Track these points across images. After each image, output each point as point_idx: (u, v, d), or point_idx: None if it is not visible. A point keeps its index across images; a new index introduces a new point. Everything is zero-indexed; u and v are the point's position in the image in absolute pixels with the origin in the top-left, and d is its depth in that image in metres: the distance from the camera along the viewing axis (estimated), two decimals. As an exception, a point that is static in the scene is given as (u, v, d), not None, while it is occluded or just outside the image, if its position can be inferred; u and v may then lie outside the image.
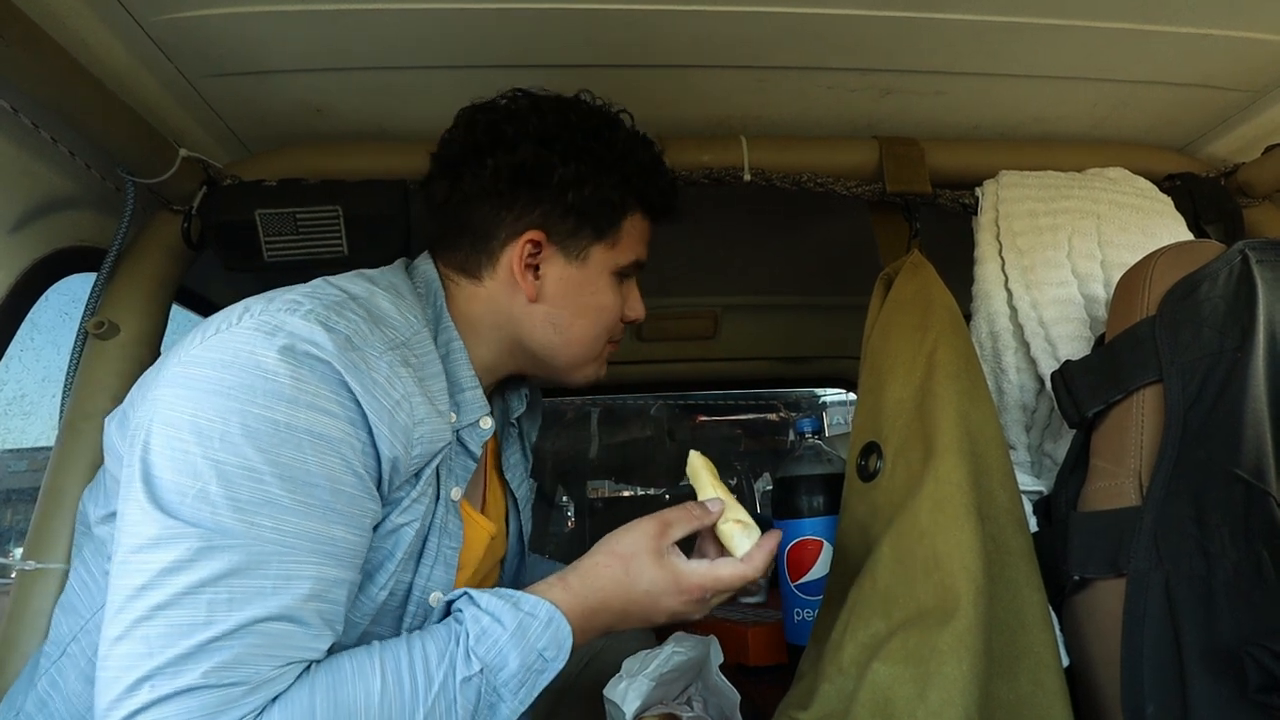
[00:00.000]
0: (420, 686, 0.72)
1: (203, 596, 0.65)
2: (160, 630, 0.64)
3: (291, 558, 0.69)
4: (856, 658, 0.83)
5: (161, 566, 0.65)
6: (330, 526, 0.72)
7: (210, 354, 0.73)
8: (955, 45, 1.07)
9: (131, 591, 0.65)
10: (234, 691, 0.65)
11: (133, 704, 0.62)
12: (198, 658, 0.64)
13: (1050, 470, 1.12)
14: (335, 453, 0.73)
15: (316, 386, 0.73)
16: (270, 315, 0.75)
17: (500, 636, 0.76)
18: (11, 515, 2.48)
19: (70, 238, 1.11)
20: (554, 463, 3.32)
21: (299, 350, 0.73)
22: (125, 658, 0.64)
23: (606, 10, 0.96)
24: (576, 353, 1.00)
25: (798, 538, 1.22)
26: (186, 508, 0.67)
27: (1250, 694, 0.67)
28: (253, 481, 0.69)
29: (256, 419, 0.70)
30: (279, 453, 0.70)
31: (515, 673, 0.75)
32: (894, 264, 1.14)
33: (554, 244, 0.95)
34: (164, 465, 0.69)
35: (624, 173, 0.97)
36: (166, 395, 0.72)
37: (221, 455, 0.69)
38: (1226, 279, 0.79)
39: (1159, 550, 0.76)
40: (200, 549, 0.66)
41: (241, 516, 0.68)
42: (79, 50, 0.89)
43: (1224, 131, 1.33)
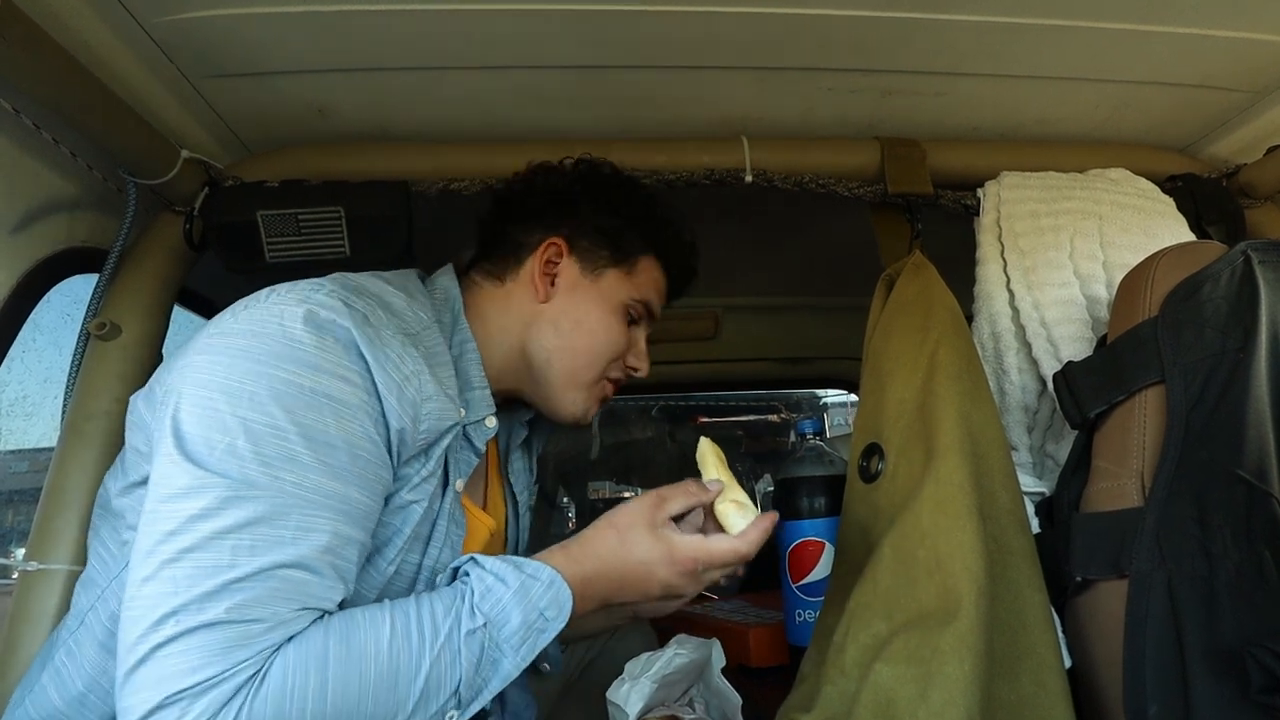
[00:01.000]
0: (427, 637, 0.75)
1: (227, 542, 0.69)
2: (186, 571, 0.68)
3: (310, 512, 0.74)
4: (858, 659, 0.83)
5: (190, 514, 0.70)
6: (347, 487, 0.77)
7: (239, 325, 0.79)
8: (957, 46, 1.07)
9: (160, 536, 0.70)
10: (254, 628, 0.69)
11: (159, 636, 0.66)
12: (221, 596, 0.68)
13: (1052, 471, 1.12)
14: (353, 418, 0.78)
15: (338, 356, 0.79)
16: (296, 293, 0.82)
17: (504, 595, 0.79)
18: (13, 516, 2.48)
19: (72, 239, 1.11)
20: (555, 463, 3.32)
21: (322, 320, 0.79)
22: (152, 596, 0.68)
23: (607, 10, 0.96)
24: (571, 365, 1.04)
25: (799, 539, 1.22)
26: (215, 459, 0.72)
27: (1252, 695, 0.67)
28: (278, 439, 0.74)
29: (283, 383, 0.75)
30: (303, 415, 0.75)
31: (517, 629, 0.79)
32: (896, 265, 1.14)
33: (573, 256, 1.05)
34: (194, 422, 0.74)
35: (648, 219, 1.09)
36: (197, 361, 0.77)
37: (249, 414, 0.74)
38: (1229, 280, 0.79)
39: (1161, 551, 0.76)
40: (227, 498, 0.70)
41: (266, 470, 0.72)
42: (80, 51, 0.89)
43: (1226, 132, 1.33)
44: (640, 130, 1.25)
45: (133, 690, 0.66)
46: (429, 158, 1.20)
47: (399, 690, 0.73)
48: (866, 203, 1.26)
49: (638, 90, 1.15)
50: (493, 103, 1.16)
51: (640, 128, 1.24)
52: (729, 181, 1.23)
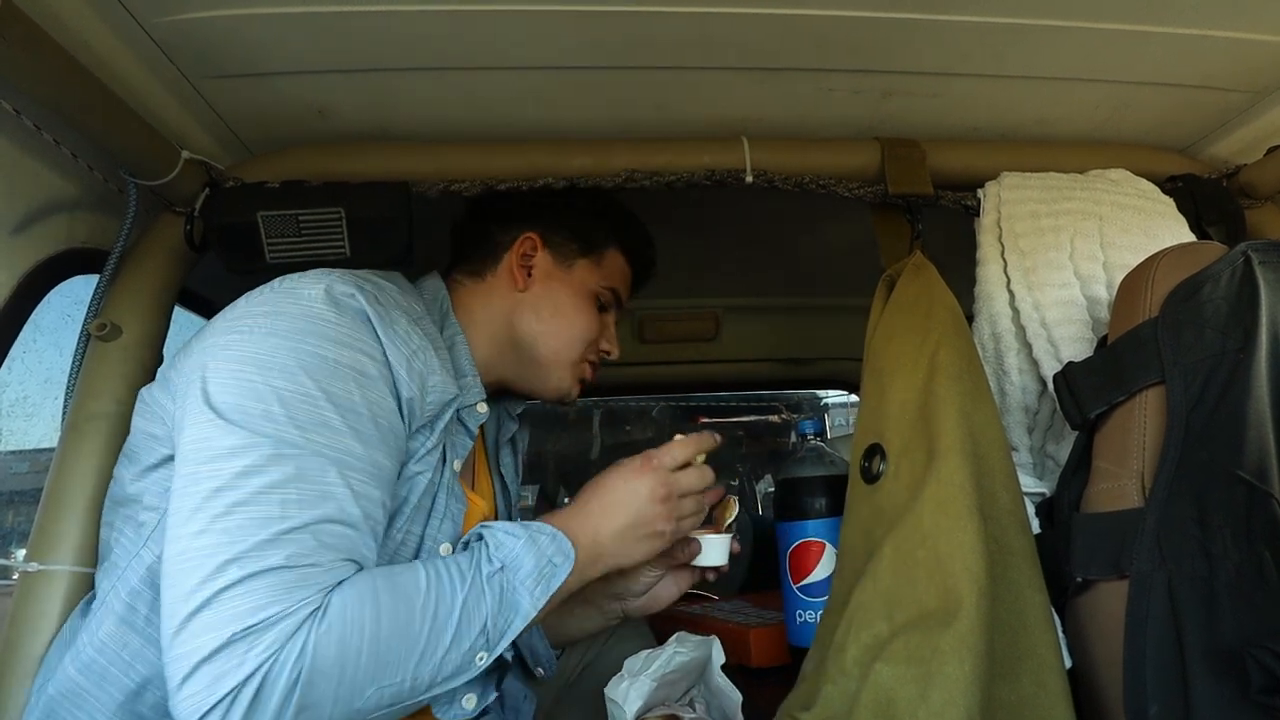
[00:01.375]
0: (456, 579, 0.83)
1: (275, 495, 0.75)
2: (240, 522, 0.73)
3: (345, 472, 0.80)
4: (859, 659, 0.83)
5: (235, 471, 0.75)
6: (373, 451, 0.83)
7: (258, 307, 0.86)
8: (957, 47, 1.07)
9: (207, 493, 0.74)
10: (310, 572, 0.74)
11: (223, 580, 0.71)
12: (278, 544, 0.73)
13: (1053, 472, 1.12)
14: (374, 387, 0.85)
15: (355, 330, 0.86)
16: (310, 276, 0.90)
17: (515, 545, 0.88)
18: (14, 517, 2.49)
19: (73, 240, 1.11)
20: (556, 463, 3.32)
21: (339, 296, 0.87)
22: (208, 547, 0.72)
23: (607, 11, 0.96)
24: (554, 346, 1.14)
25: (800, 539, 1.22)
26: (254, 423, 0.77)
27: (1252, 695, 0.68)
28: (310, 405, 0.80)
29: (309, 355, 0.81)
30: (330, 384, 0.81)
31: (530, 572, 0.87)
32: (896, 265, 1.14)
33: (547, 249, 1.17)
34: (228, 392, 0.79)
35: (610, 216, 1.22)
36: (221, 341, 0.83)
37: (280, 383, 0.79)
38: (1229, 280, 0.79)
39: (1161, 551, 0.76)
40: (270, 455, 0.76)
41: (301, 433, 0.78)
42: (81, 52, 0.89)
43: (1226, 133, 1.33)
44: (640, 130, 1.25)
45: (195, 633, 0.70)
46: (429, 158, 1.20)
47: (438, 621, 0.79)
48: (867, 203, 1.26)
49: (638, 90, 1.15)
50: (493, 103, 1.16)
51: (640, 128, 1.24)
52: (729, 182, 1.23)
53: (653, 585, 1.16)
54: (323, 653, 0.72)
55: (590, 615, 1.20)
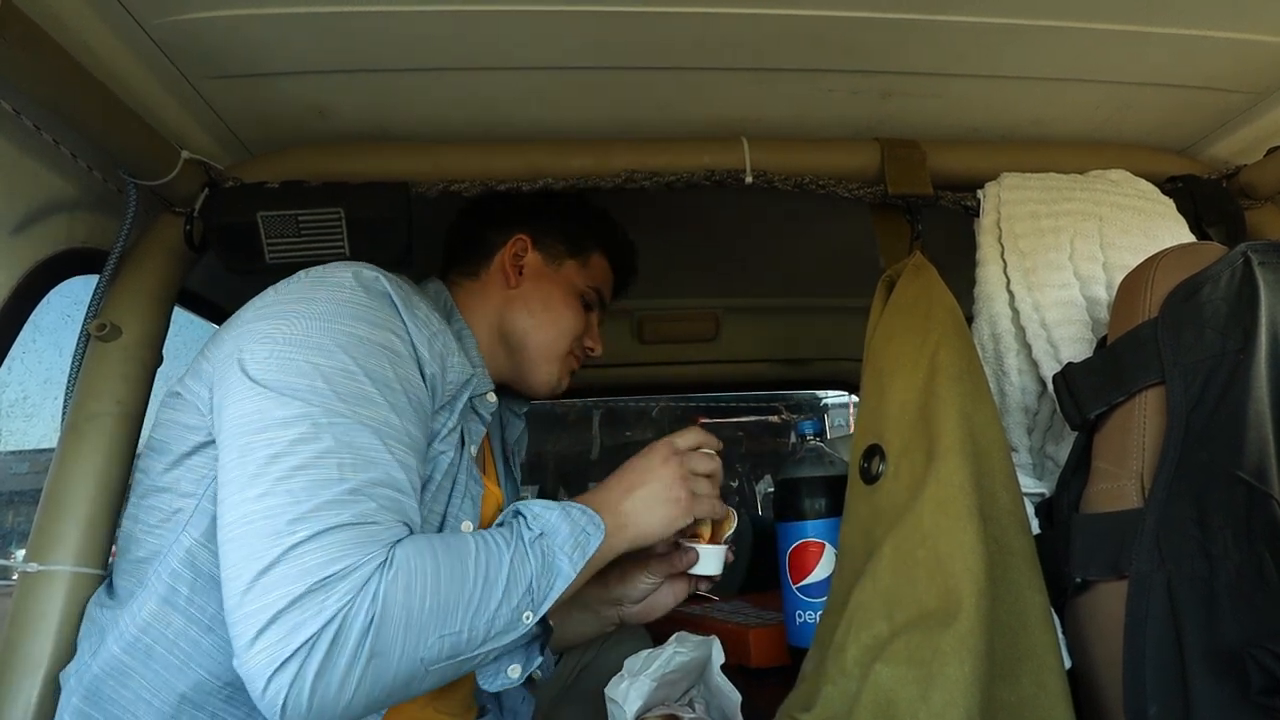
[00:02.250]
0: (503, 544, 0.87)
1: (331, 459, 0.79)
2: (303, 484, 0.77)
3: (389, 442, 0.84)
4: (859, 659, 0.83)
5: (290, 438, 0.79)
6: (408, 424, 0.87)
7: (289, 295, 0.91)
8: (957, 47, 1.07)
9: (264, 460, 0.78)
10: (374, 529, 0.78)
11: (292, 539, 0.74)
12: (343, 504, 0.77)
13: (1052, 472, 1.12)
14: (404, 365, 0.89)
15: (384, 312, 0.90)
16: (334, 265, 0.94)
17: (551, 516, 0.93)
18: (13, 517, 2.49)
19: (72, 240, 1.11)
20: (556, 464, 3.32)
21: (367, 280, 0.92)
22: (274, 508, 0.76)
23: (607, 11, 0.96)
24: (544, 339, 1.19)
25: (800, 540, 1.22)
26: (302, 394, 0.81)
27: (1252, 696, 0.67)
28: (350, 380, 0.83)
29: (344, 334, 0.85)
30: (367, 361, 0.85)
31: (567, 538, 0.91)
32: (896, 266, 1.14)
33: (537, 249, 1.22)
34: (272, 370, 0.82)
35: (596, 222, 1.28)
36: (257, 327, 0.87)
37: (320, 360, 0.83)
38: (1229, 281, 0.79)
39: (1161, 552, 0.76)
40: (321, 424, 0.80)
41: (346, 405, 0.82)
42: (80, 52, 0.89)
43: (1226, 133, 1.33)
44: (640, 131, 1.25)
45: (267, 588, 0.73)
46: (429, 159, 1.20)
47: (490, 577, 0.84)
48: (866, 204, 1.26)
49: (638, 91, 1.15)
50: (493, 103, 1.16)
51: (640, 128, 1.24)
52: (729, 182, 1.23)
53: (650, 593, 1.18)
54: (392, 599, 0.76)
55: (587, 620, 1.22)
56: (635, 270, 1.36)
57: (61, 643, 0.94)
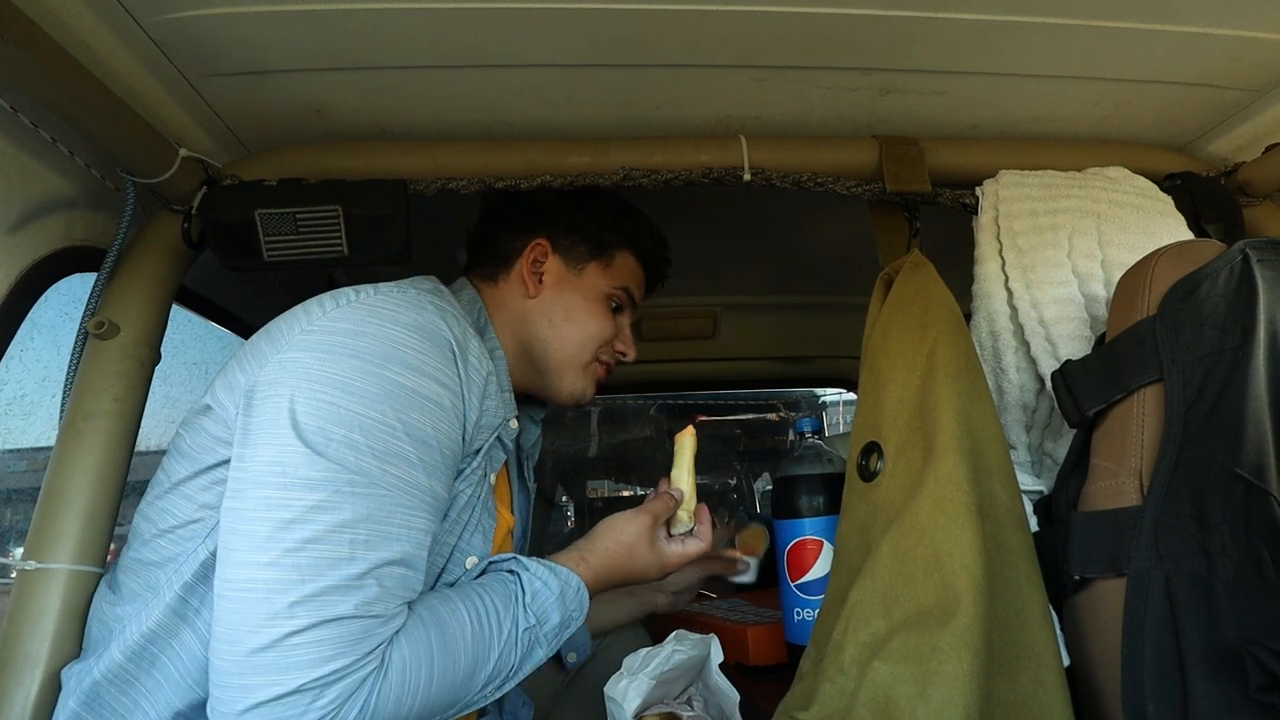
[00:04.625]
0: (495, 630, 0.88)
1: (345, 535, 0.77)
2: (310, 560, 0.75)
3: (411, 509, 0.82)
4: (857, 657, 0.83)
5: (310, 504, 0.76)
6: (435, 483, 0.86)
7: (339, 324, 0.86)
8: (955, 44, 1.07)
9: (279, 524, 0.76)
10: (373, 624, 0.77)
11: (294, 623, 0.73)
12: (347, 592, 0.76)
13: (1051, 470, 1.12)
14: (445, 419, 0.87)
15: (435, 360, 0.87)
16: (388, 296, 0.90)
17: (548, 599, 0.93)
18: (11, 515, 2.48)
19: (70, 238, 1.11)
20: (554, 462, 3.32)
21: (424, 328, 0.88)
22: (278, 581, 0.74)
23: (606, 10, 0.96)
24: (567, 351, 1.15)
25: (798, 537, 1.22)
26: (334, 450, 0.78)
27: (1251, 693, 0.68)
28: (389, 435, 0.81)
29: (390, 383, 0.83)
30: (408, 414, 0.83)
31: (554, 627, 0.93)
32: (894, 263, 1.14)
33: (557, 254, 1.17)
34: (311, 414, 0.80)
35: (619, 218, 1.22)
36: (303, 358, 0.83)
37: (362, 409, 0.81)
38: (1227, 278, 0.79)
39: (1159, 550, 0.76)
40: (345, 492, 0.78)
41: (379, 464, 0.80)
42: (79, 50, 0.89)
43: (1224, 131, 1.33)
44: (638, 129, 1.25)
45: (258, 671, 0.72)
46: (427, 156, 1.19)
47: (476, 675, 0.85)
48: (865, 201, 1.26)
49: (636, 89, 1.15)
50: (491, 101, 1.15)
51: (638, 126, 1.24)
52: (727, 180, 1.23)
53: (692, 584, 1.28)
54: (382, 710, 0.76)
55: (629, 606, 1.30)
56: (668, 262, 1.31)
57: (60, 641, 0.94)
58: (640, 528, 1.07)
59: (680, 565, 1.11)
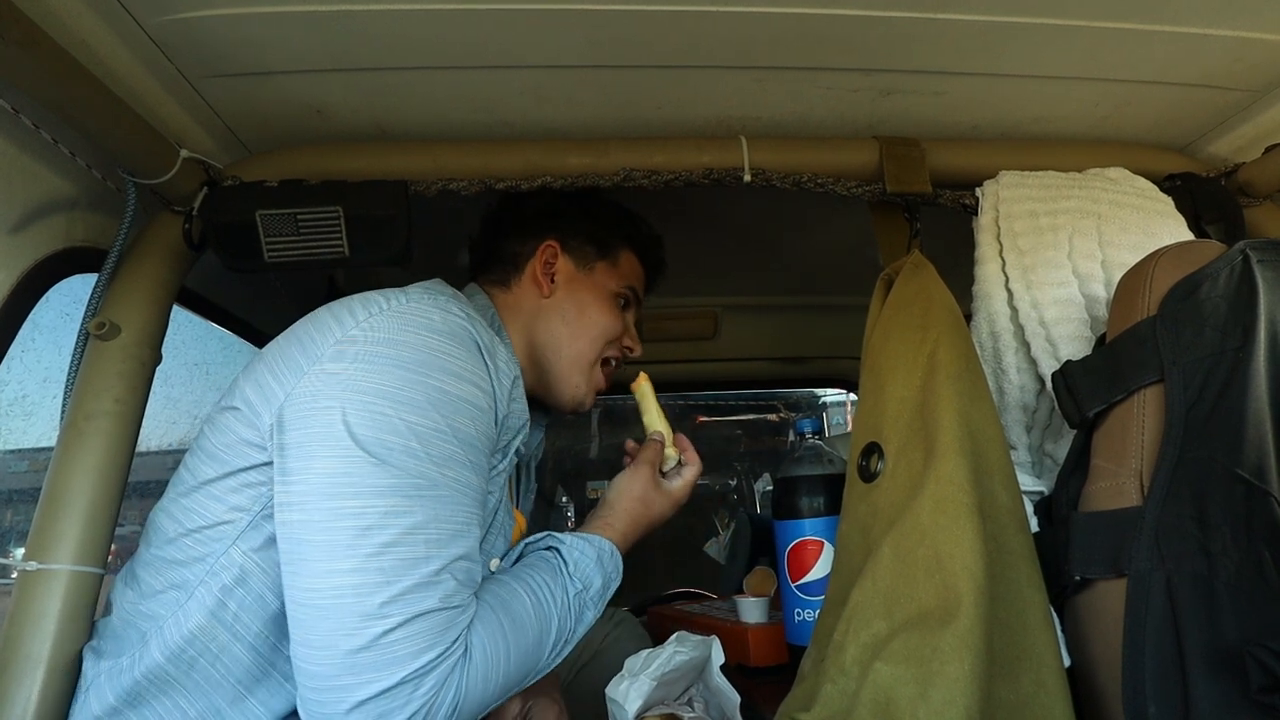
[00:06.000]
0: (551, 601, 0.94)
1: (420, 536, 0.81)
2: (393, 563, 0.79)
3: (468, 506, 0.87)
4: (858, 658, 0.83)
5: (383, 510, 0.80)
6: (480, 479, 0.90)
7: (376, 334, 0.88)
8: (955, 45, 1.07)
9: (358, 531, 0.79)
10: (454, 613, 0.82)
11: (388, 622, 0.77)
12: (430, 587, 0.80)
13: (1051, 470, 1.12)
14: (483, 420, 0.91)
15: (472, 364, 0.91)
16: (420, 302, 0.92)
17: (588, 566, 1.00)
18: (12, 516, 2.48)
19: (71, 238, 1.11)
20: (554, 463, 3.32)
21: (456, 330, 0.91)
22: (366, 585, 0.78)
23: (606, 10, 0.96)
24: (578, 348, 1.18)
25: (798, 538, 1.22)
26: (396, 459, 0.82)
27: (1252, 694, 0.68)
28: (442, 440, 0.85)
29: (435, 390, 0.86)
30: (455, 418, 0.87)
31: (598, 589, 1.00)
32: (894, 264, 1.14)
33: (567, 254, 1.21)
34: (366, 425, 0.82)
35: (620, 220, 1.27)
36: (349, 369, 0.85)
37: (414, 418, 0.84)
38: (1228, 279, 0.79)
39: (1160, 550, 0.76)
40: (414, 496, 0.82)
41: (438, 468, 0.84)
42: (80, 51, 0.89)
43: (1225, 131, 1.33)
44: (639, 130, 1.25)
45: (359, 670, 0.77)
46: (428, 157, 1.20)
47: (544, 642, 0.92)
48: (865, 202, 1.26)
49: (636, 90, 1.15)
50: (491, 102, 1.16)
51: (639, 127, 1.24)
52: (728, 181, 1.23)
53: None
54: (472, 690, 0.82)
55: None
56: (664, 263, 1.35)
57: (61, 641, 0.94)
58: (645, 479, 1.14)
59: (688, 491, 1.18)
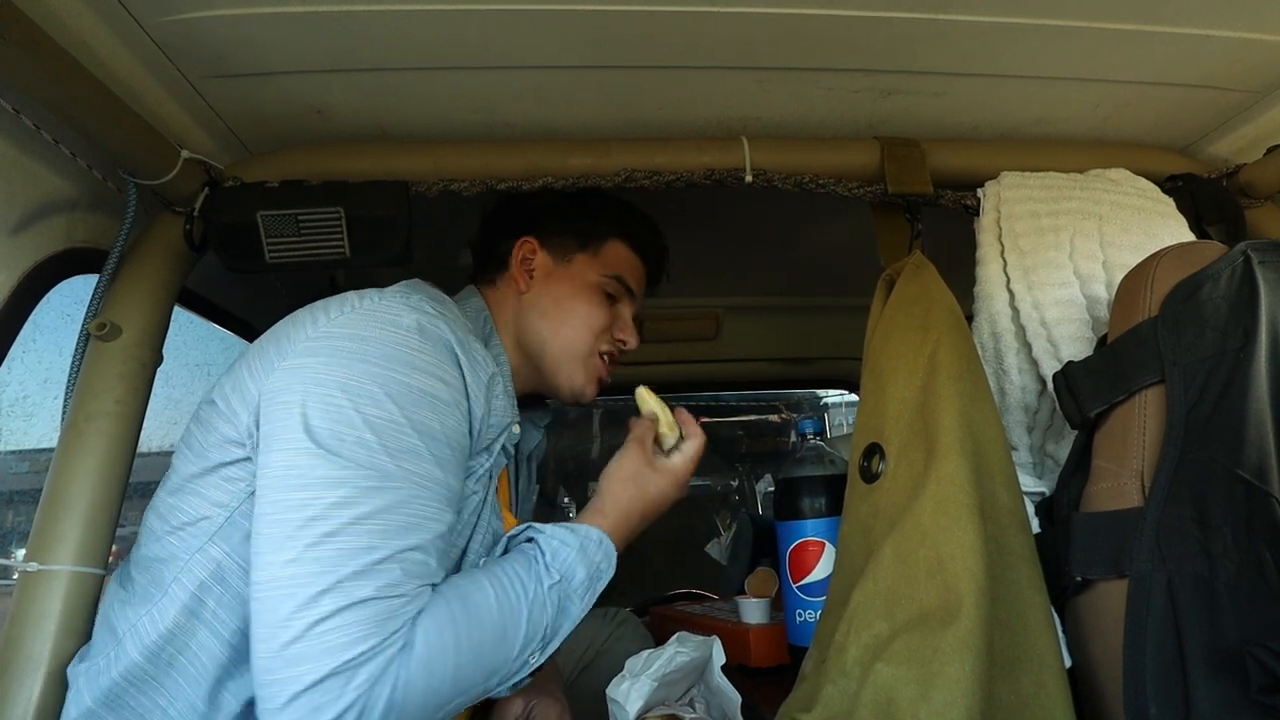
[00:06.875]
0: (520, 591, 0.88)
1: (364, 527, 0.78)
2: (331, 553, 0.77)
3: (427, 500, 0.84)
4: (859, 659, 0.83)
5: (330, 501, 0.78)
6: (449, 475, 0.88)
7: (343, 329, 0.88)
8: (957, 46, 1.07)
9: (301, 522, 0.78)
10: (396, 603, 0.78)
11: (316, 612, 0.74)
12: (368, 576, 0.77)
13: (1052, 471, 1.12)
14: (451, 414, 0.89)
15: (438, 359, 0.90)
16: (391, 301, 0.92)
17: (569, 555, 0.94)
18: (13, 516, 2.48)
19: (72, 239, 1.11)
20: (556, 463, 3.32)
21: (423, 326, 0.90)
22: (300, 575, 0.76)
23: (606, 10, 0.96)
24: (561, 341, 1.16)
25: (799, 539, 1.22)
26: (348, 450, 0.80)
27: (1252, 694, 0.67)
28: (398, 432, 0.83)
29: (396, 383, 0.85)
30: (415, 410, 0.85)
31: (582, 580, 0.94)
32: (896, 265, 1.14)
33: (545, 249, 1.20)
34: (322, 417, 0.82)
35: (604, 209, 1.23)
36: (311, 363, 0.85)
37: (371, 410, 0.83)
38: (1229, 280, 0.79)
39: (1161, 551, 0.76)
40: (363, 488, 0.80)
41: (393, 460, 0.82)
42: (80, 52, 0.89)
43: (1226, 132, 1.33)
44: (640, 130, 1.25)
45: (291, 662, 0.74)
46: (428, 158, 1.20)
47: (508, 637, 0.85)
48: (867, 203, 1.26)
49: (637, 90, 1.15)
50: (492, 102, 1.16)
51: (640, 128, 1.24)
52: (729, 182, 1.23)
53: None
54: (413, 684, 0.77)
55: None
56: (665, 251, 1.32)
57: (61, 642, 0.94)
58: (634, 458, 1.07)
59: (692, 467, 1.11)
